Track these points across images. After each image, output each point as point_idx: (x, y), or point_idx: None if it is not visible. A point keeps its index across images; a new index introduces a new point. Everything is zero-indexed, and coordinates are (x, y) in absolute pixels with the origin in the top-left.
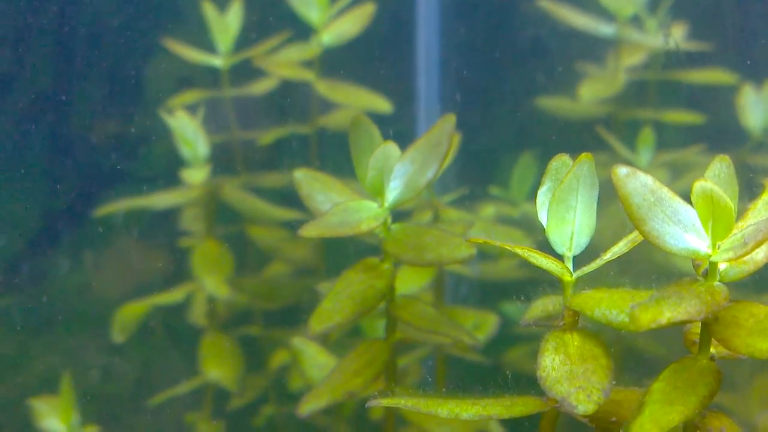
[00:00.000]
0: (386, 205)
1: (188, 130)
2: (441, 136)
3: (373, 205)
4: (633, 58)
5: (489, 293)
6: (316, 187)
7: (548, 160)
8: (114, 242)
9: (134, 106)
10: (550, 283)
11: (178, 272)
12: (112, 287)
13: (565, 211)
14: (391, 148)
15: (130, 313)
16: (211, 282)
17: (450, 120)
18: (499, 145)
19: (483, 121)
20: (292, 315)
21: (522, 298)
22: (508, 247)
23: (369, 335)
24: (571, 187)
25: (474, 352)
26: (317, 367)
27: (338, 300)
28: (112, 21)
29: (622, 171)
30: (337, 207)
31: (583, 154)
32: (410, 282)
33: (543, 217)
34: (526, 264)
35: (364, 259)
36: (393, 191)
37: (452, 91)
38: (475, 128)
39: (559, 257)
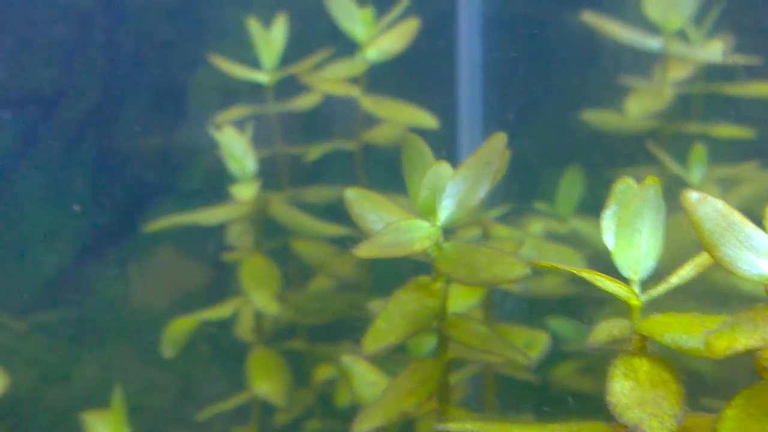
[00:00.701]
0: (438, 224)
1: (236, 146)
2: (492, 155)
3: (425, 224)
4: (679, 72)
5: (535, 309)
6: (367, 206)
7: (594, 174)
8: (158, 256)
9: (178, 121)
10: (597, 301)
11: (222, 286)
12: (156, 300)
13: (631, 235)
14: (444, 167)
15: (179, 328)
16: (260, 298)
17: (501, 138)
18: (543, 159)
19: (526, 134)
20: (335, 329)
21: (584, 319)
22: (573, 271)
23: (413, 351)
24: (637, 210)
25: (526, 371)
26: (367, 385)
27: (391, 319)
28: (157, 37)
29: (692, 196)
30: (390, 227)
31: (649, 177)
32: (461, 299)
33: (609, 240)
34: (573, 280)
35: (416, 278)
36: (445, 210)
37: (494, 105)
38: (518, 142)
39: (625, 280)
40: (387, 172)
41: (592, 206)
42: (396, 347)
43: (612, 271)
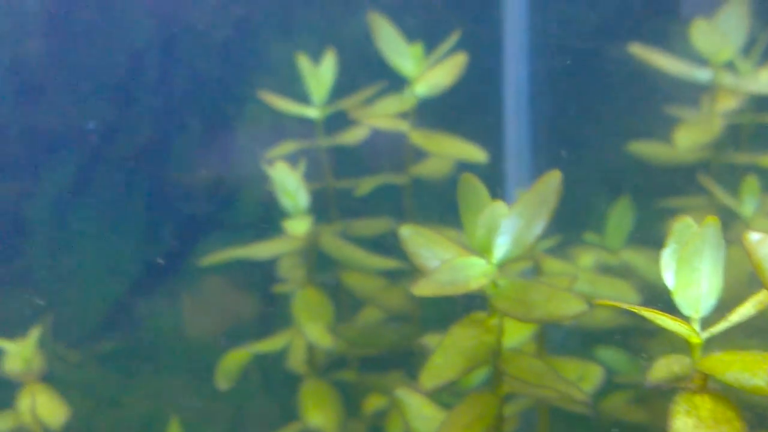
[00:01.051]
0: (494, 261)
1: (289, 181)
2: (547, 193)
3: (481, 261)
4: (729, 103)
5: (585, 340)
6: (422, 243)
7: (643, 205)
8: (209, 288)
9: (228, 155)
10: (647, 332)
11: (271, 317)
12: (207, 331)
13: (691, 274)
14: (500, 206)
15: (233, 360)
16: (313, 330)
17: (556, 176)
18: (591, 190)
19: (573, 165)
20: (384, 360)
21: (635, 351)
22: (633, 309)
23: (463, 384)
24: (696, 249)
25: (581, 405)
26: (422, 419)
27: (448, 355)
28: (207, 74)
29: (754, 237)
30: (445, 265)
31: (709, 217)
32: (515, 334)
33: (668, 278)
34: (623, 312)
35: (471, 314)
36: (501, 247)
37: (541, 136)
38: (565, 173)
39: (685, 318)
40: (436, 204)
41: (641, 237)
42: (452, 383)
43: (663, 300)
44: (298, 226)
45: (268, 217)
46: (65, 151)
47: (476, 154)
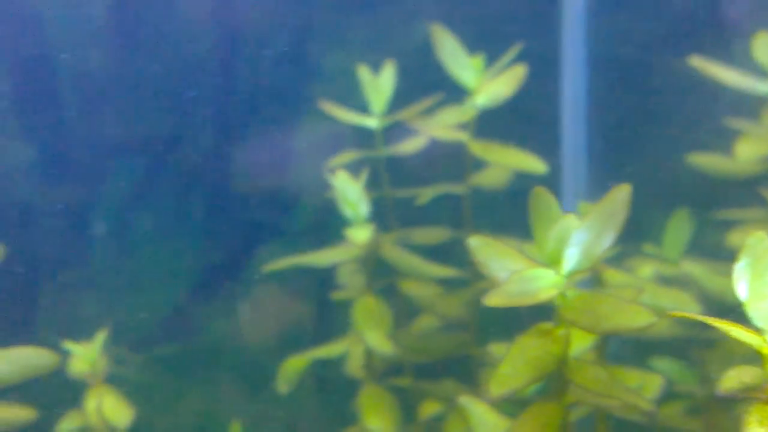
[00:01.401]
0: (563, 273)
1: (351, 190)
2: (617, 206)
3: (550, 273)
4: None
5: (638, 349)
6: (490, 254)
7: (701, 217)
8: (266, 294)
9: (287, 164)
10: (702, 342)
11: (327, 324)
12: (263, 337)
13: (764, 287)
14: (571, 219)
15: (293, 365)
16: (373, 337)
17: (626, 190)
18: (648, 201)
19: (630, 176)
20: (438, 367)
21: (690, 360)
22: (706, 321)
23: (522, 393)
24: None
25: (640, 414)
26: (485, 426)
27: (515, 365)
28: (266, 83)
29: None
30: (515, 276)
31: None
32: (578, 343)
33: (741, 290)
34: (680, 322)
35: (538, 324)
36: (570, 259)
37: (598, 147)
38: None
39: (756, 329)
40: (494, 214)
41: (700, 249)
42: (519, 392)
43: (721, 311)
44: (360, 234)
45: (326, 225)
46: (129, 159)
47: (536, 164)
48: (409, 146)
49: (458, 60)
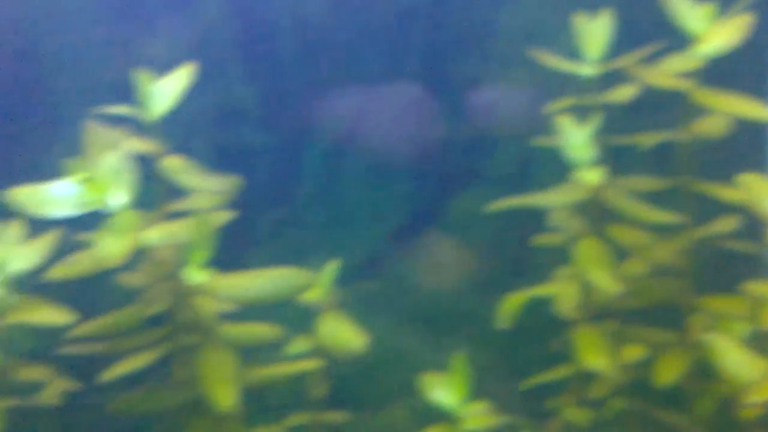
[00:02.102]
0: None
1: (578, 134)
2: None
3: None
4: None
5: None
6: (763, 193)
7: None
8: (466, 237)
9: (488, 112)
10: None
11: (521, 267)
12: (463, 279)
13: None
14: None
15: (512, 302)
16: (600, 277)
17: None
18: None
19: None
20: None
21: None
22: None
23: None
24: None
25: None
26: (734, 363)
27: None
28: (472, 34)
29: None
30: None
31: None
32: None
33: None
34: None
35: None
36: None
37: None
38: None
39: None
40: (713, 161)
41: None
42: None
43: None
44: (591, 176)
45: (524, 172)
46: (341, 103)
47: (760, 111)
48: (621, 94)
49: (686, 8)
